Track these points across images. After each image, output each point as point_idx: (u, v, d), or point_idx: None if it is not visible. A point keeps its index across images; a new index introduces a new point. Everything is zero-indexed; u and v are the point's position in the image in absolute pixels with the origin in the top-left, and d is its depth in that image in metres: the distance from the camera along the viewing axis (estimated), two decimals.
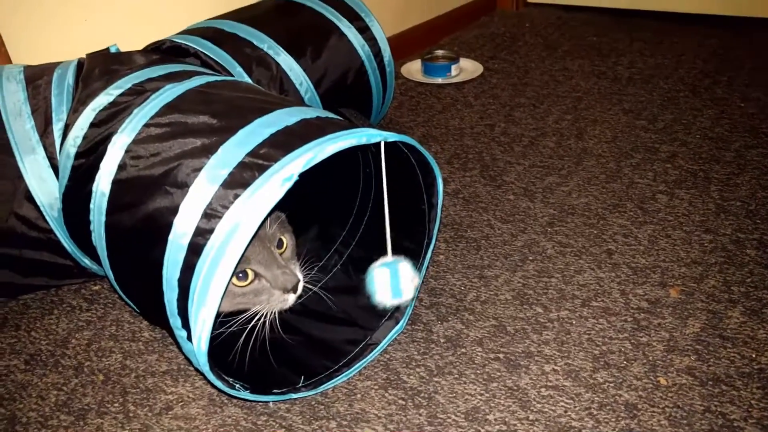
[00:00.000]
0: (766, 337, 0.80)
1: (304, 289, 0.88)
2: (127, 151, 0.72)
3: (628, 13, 2.07)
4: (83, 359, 0.83)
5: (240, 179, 0.62)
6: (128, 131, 0.73)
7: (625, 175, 1.18)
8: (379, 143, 0.69)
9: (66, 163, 0.79)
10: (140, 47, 1.04)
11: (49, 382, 0.80)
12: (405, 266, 0.75)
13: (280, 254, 0.77)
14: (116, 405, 0.76)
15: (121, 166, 0.71)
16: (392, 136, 0.69)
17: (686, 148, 1.26)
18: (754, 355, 0.77)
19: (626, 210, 1.08)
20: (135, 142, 0.72)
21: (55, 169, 0.83)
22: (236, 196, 0.61)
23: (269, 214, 0.63)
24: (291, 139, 0.65)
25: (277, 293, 0.75)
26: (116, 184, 0.71)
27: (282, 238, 0.78)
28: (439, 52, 1.73)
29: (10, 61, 1.06)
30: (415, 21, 1.87)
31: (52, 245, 0.86)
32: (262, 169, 0.62)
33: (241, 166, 0.63)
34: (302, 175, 0.62)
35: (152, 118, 0.73)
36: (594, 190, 1.14)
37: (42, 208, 0.84)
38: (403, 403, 0.74)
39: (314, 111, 0.73)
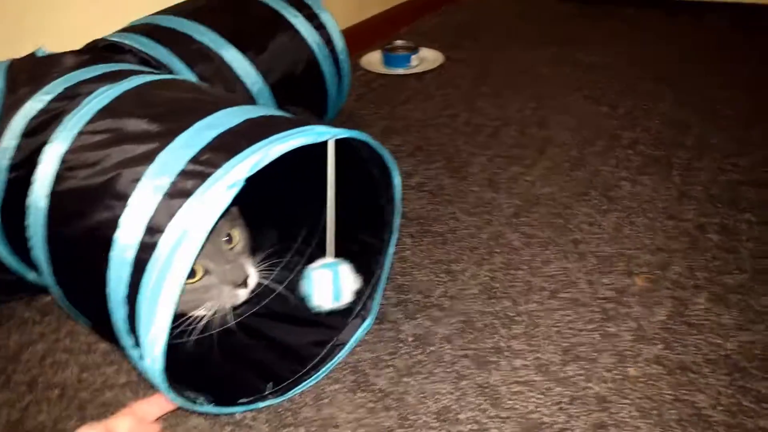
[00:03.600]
0: (731, 323, 0.81)
1: (267, 290, 0.85)
2: (63, 162, 0.67)
3: (587, 1, 2.08)
4: (37, 374, 0.79)
5: (182, 188, 0.59)
6: (62, 140, 0.68)
7: (589, 162, 1.18)
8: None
9: (0, 177, 0.74)
10: (79, 47, 0.99)
11: (1, 399, 0.75)
12: (346, 269, 0.75)
13: (230, 249, 0.74)
14: (74, 421, 0.72)
15: (58, 178, 0.67)
16: (343, 132, 0.66)
17: (647, 134, 1.27)
18: (720, 341, 0.78)
19: (591, 198, 1.08)
20: (70, 151, 0.67)
21: None
22: (179, 207, 0.58)
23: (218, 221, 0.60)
24: (235, 141, 0.61)
25: (227, 288, 0.73)
26: (54, 197, 0.67)
27: (231, 232, 0.75)
28: (399, 42, 1.70)
29: None
30: (373, 11, 1.85)
31: None
32: (205, 177, 0.58)
33: (183, 174, 0.59)
34: (259, 171, 0.59)
35: (87, 124, 0.68)
36: (558, 179, 1.14)
37: None
38: (373, 405, 0.73)
39: (260, 109, 0.69)
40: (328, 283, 0.73)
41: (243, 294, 0.74)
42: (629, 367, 0.75)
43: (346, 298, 0.75)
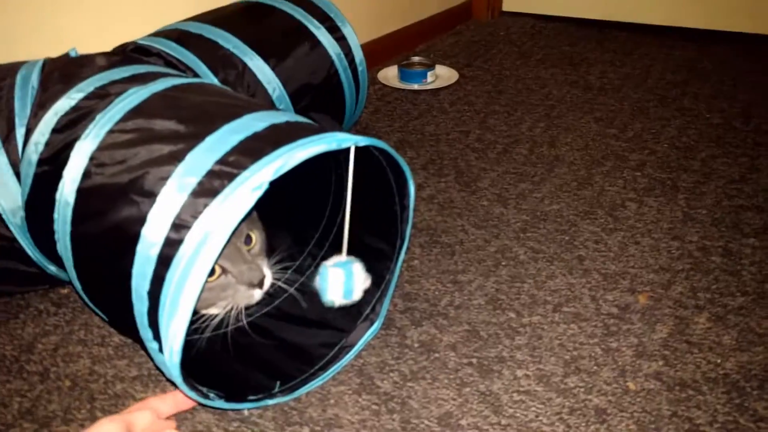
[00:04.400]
0: (730, 343, 0.82)
1: (279, 291, 0.88)
2: (91, 159, 0.70)
3: (599, 24, 2.11)
4: (49, 365, 0.81)
5: (209, 188, 0.61)
6: (92, 138, 0.71)
7: (596, 182, 1.20)
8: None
9: (28, 171, 0.76)
10: (109, 50, 1.02)
11: (13, 388, 0.77)
12: (358, 268, 0.76)
13: (248, 250, 0.77)
14: (83, 412, 0.74)
15: (86, 174, 0.69)
16: (363, 140, 0.69)
17: (655, 157, 1.29)
18: (719, 360, 0.79)
19: (597, 217, 1.10)
20: (99, 149, 0.70)
21: (19, 175, 0.80)
22: (205, 206, 0.60)
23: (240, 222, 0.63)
24: (260, 146, 0.64)
25: (243, 288, 0.75)
26: (81, 192, 0.69)
27: (250, 233, 0.78)
28: (416, 59, 1.74)
29: None
30: (391, 27, 1.88)
31: (15, 253, 0.83)
32: (231, 178, 0.61)
33: (210, 174, 0.62)
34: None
35: (117, 123, 0.71)
36: (566, 197, 1.16)
37: (4, 216, 0.81)
38: (377, 408, 0.74)
39: (284, 115, 0.72)
40: (340, 282, 0.75)
41: (258, 294, 0.76)
42: (629, 381, 0.77)
43: (357, 296, 0.77)
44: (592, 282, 0.94)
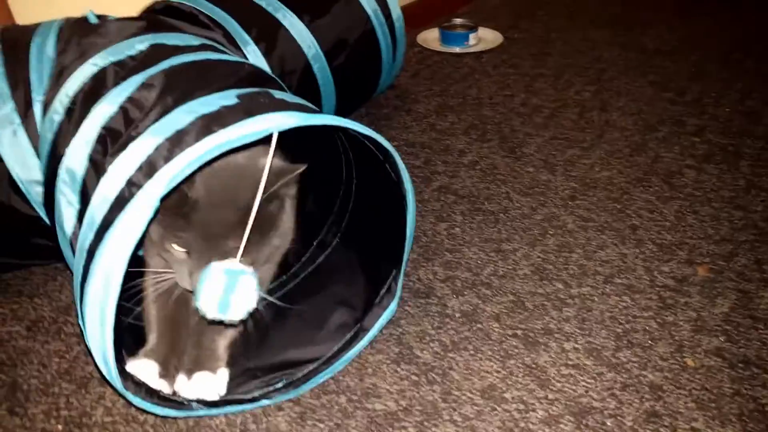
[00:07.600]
0: None
1: (295, 273, 0.84)
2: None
3: None
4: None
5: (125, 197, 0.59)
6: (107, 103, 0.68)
7: (651, 148, 1.13)
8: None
9: (44, 148, 0.74)
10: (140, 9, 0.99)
11: (51, 349, 0.77)
12: (248, 281, 0.60)
13: (240, 257, 0.64)
14: None
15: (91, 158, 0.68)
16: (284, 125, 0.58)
17: (715, 122, 1.21)
18: None
19: (651, 185, 1.03)
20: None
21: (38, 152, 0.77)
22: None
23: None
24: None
25: (183, 278, 0.65)
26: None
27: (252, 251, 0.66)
28: (458, 21, 1.67)
29: (13, 20, 1.03)
30: None
31: (41, 230, 0.81)
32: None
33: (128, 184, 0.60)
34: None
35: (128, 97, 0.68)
36: (617, 164, 1.09)
37: (27, 195, 0.78)
38: (416, 378, 0.72)
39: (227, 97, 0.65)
40: (219, 291, 0.59)
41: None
42: (687, 357, 0.72)
43: (234, 314, 0.61)
44: (647, 252, 0.88)
